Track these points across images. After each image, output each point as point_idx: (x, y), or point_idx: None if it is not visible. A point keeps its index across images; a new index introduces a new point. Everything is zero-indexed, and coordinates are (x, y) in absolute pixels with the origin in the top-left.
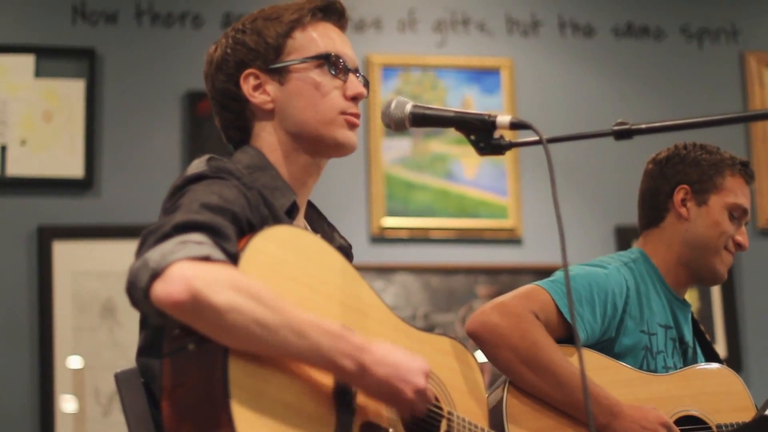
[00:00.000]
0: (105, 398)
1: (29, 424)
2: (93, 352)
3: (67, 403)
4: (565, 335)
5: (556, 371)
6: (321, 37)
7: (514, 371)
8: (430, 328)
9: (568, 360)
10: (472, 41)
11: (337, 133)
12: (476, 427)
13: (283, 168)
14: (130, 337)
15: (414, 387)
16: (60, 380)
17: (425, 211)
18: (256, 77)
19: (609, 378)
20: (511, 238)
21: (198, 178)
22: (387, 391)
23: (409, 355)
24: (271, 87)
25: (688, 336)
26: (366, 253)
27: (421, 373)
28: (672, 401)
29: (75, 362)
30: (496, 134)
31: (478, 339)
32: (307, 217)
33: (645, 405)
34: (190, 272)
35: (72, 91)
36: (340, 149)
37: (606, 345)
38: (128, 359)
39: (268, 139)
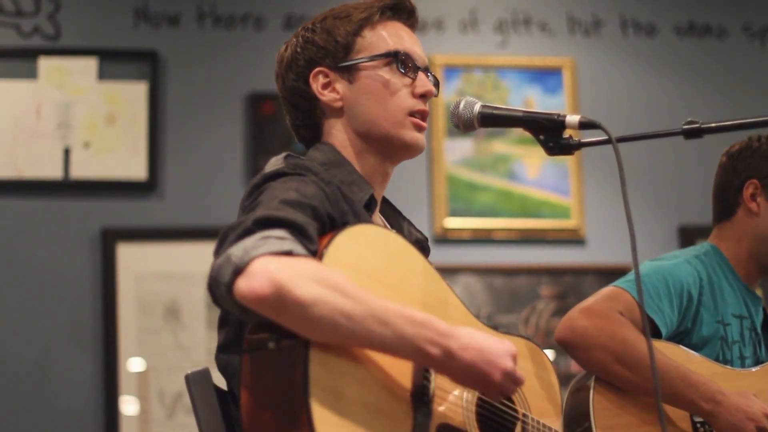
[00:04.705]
0: (169, 400)
1: (93, 426)
2: (157, 354)
3: (130, 405)
4: (651, 332)
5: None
6: (390, 35)
7: (609, 371)
8: (495, 328)
9: (660, 352)
10: (533, 41)
11: (404, 134)
12: (550, 430)
13: (356, 164)
14: (194, 338)
15: (502, 369)
16: (124, 382)
17: (488, 212)
18: (326, 75)
19: None
20: (574, 239)
21: (276, 175)
22: (474, 375)
23: (495, 339)
24: (341, 85)
25: (760, 329)
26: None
27: (508, 355)
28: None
29: (139, 364)
30: (565, 134)
31: (568, 345)
32: (382, 213)
33: (747, 392)
34: (273, 266)
35: (135, 93)
36: (408, 150)
37: (683, 336)
38: (192, 361)
39: (338, 136)
